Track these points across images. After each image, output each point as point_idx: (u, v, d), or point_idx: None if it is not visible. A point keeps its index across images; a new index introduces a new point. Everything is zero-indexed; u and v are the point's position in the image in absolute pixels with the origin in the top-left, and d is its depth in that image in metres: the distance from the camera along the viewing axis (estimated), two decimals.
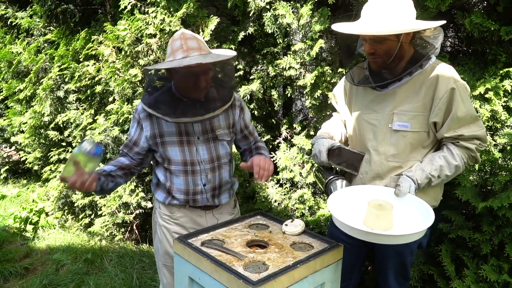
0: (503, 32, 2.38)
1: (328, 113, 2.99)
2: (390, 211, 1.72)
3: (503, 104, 2.47)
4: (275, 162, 3.30)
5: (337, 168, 2.17)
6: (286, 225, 1.92)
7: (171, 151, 2.04)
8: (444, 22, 1.86)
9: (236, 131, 2.21)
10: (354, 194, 1.94)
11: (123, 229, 4.16)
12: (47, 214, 4.79)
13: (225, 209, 2.25)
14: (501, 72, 2.46)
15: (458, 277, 2.51)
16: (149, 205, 3.77)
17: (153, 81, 2.08)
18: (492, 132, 2.53)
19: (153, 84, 2.07)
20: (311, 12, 2.88)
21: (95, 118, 3.94)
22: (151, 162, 2.22)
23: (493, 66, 2.52)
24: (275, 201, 3.26)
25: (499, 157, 2.45)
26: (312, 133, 3.15)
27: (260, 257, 1.67)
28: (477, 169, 2.50)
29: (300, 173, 3.19)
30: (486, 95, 2.45)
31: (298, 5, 2.98)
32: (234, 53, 2.01)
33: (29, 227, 4.54)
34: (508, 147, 2.47)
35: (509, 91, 2.45)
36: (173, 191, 2.11)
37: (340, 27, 1.91)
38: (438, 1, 2.43)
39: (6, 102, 5.20)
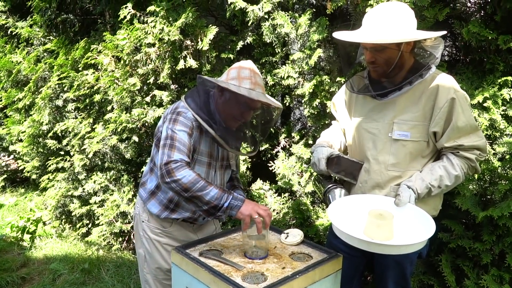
0: (500, 41, 2.39)
1: (326, 122, 2.99)
2: (391, 221, 1.71)
3: (502, 112, 2.47)
4: (273, 171, 3.30)
5: (336, 177, 2.16)
6: (285, 235, 1.91)
7: (198, 169, 1.98)
8: (445, 32, 1.87)
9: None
10: (354, 203, 1.93)
11: (120, 239, 4.13)
12: (44, 223, 4.77)
13: (211, 221, 2.28)
14: (499, 81, 2.46)
15: (458, 287, 2.49)
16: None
17: (203, 91, 2.00)
18: (491, 141, 2.53)
19: (200, 97, 1.98)
20: (309, 21, 2.89)
21: (94, 127, 3.94)
22: (153, 169, 2.11)
23: (491, 75, 2.53)
24: (274, 210, 3.24)
25: (499, 166, 2.45)
26: (310, 142, 3.15)
27: (258, 267, 1.65)
28: (476, 178, 2.49)
29: (299, 182, 3.18)
30: (485, 104, 2.45)
31: (296, 15, 3.00)
32: (280, 105, 2.03)
33: (26, 237, 4.52)
34: (508, 156, 2.46)
35: (508, 99, 2.46)
36: (182, 206, 2.04)
37: (341, 35, 1.91)
38: (436, 10, 2.45)
39: (5, 111, 5.21)
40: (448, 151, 1.94)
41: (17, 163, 5.72)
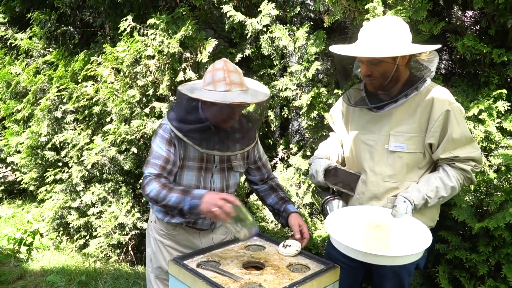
0: (495, 55, 2.42)
1: (324, 133, 3.01)
2: (388, 232, 1.72)
3: (497, 125, 2.50)
4: None
5: (334, 188, 2.18)
6: (282, 246, 1.91)
7: (187, 175, 2.02)
8: (439, 46, 1.90)
9: (249, 162, 2.22)
10: (352, 215, 1.94)
11: (118, 251, 4.11)
12: (41, 235, 4.74)
13: (219, 230, 2.25)
14: (494, 93, 2.50)
15: None
16: (145, 225, 3.74)
17: (183, 101, 1.98)
18: (486, 153, 2.56)
19: (184, 104, 1.98)
20: (307, 34, 2.94)
21: (92, 139, 3.95)
22: None
23: (486, 88, 2.56)
24: (272, 221, 3.25)
25: (494, 178, 2.47)
26: (308, 153, 3.17)
27: (256, 278, 1.66)
28: (472, 189, 2.51)
29: (297, 193, 3.19)
30: (480, 116, 2.48)
31: (294, 28, 3.04)
32: (267, 90, 2.01)
33: (23, 249, 4.48)
34: (503, 168, 2.48)
35: (502, 112, 2.49)
36: None
37: (338, 49, 1.94)
38: (431, 24, 2.49)
39: (3, 122, 5.20)
40: (444, 162, 1.96)
41: (15, 175, 5.70)
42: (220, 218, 1.71)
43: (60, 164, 4.39)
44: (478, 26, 2.78)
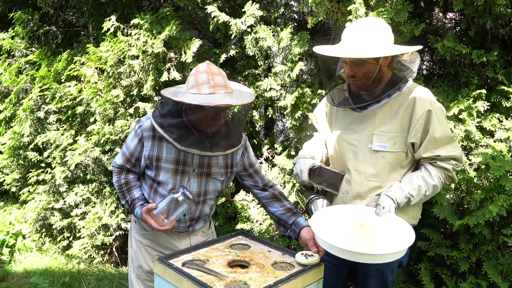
0: (474, 56, 2.48)
1: (308, 133, 3.04)
2: (372, 230, 1.75)
3: (477, 124, 2.56)
4: None
5: (318, 188, 2.20)
6: (305, 256, 1.81)
7: (163, 176, 2.02)
8: (420, 47, 1.94)
9: (238, 170, 2.17)
10: (336, 214, 1.96)
11: (102, 252, 4.08)
12: (24, 237, 4.68)
13: (199, 232, 2.23)
14: (473, 93, 2.55)
15: None
16: (129, 226, 3.72)
17: (169, 103, 1.95)
18: (466, 152, 2.61)
19: (168, 107, 1.96)
20: (291, 35, 2.96)
21: (76, 139, 3.91)
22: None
23: (466, 88, 2.62)
24: (257, 221, 3.26)
25: (474, 176, 2.52)
26: (293, 153, 3.19)
27: (241, 277, 1.67)
28: (453, 188, 2.56)
29: None
30: (460, 116, 2.54)
31: (278, 28, 3.06)
32: (252, 92, 1.99)
33: (6, 250, 4.42)
34: (483, 166, 2.54)
35: (482, 112, 2.54)
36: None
37: (322, 49, 1.97)
38: (412, 26, 2.54)
39: None
40: (426, 161, 2.00)
41: None
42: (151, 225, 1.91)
43: (43, 165, 4.34)
44: (458, 27, 2.84)
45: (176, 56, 3.26)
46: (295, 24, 3.06)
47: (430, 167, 1.98)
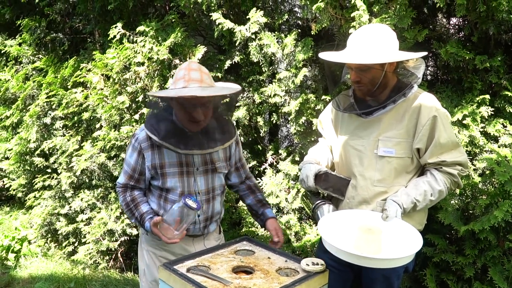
0: (477, 61, 2.48)
1: (313, 139, 3.04)
2: (379, 235, 1.75)
3: (481, 129, 2.55)
4: (261, 187, 3.33)
5: (324, 193, 2.20)
6: (312, 264, 1.80)
7: (171, 181, 2.03)
8: (425, 53, 1.95)
9: (231, 164, 2.22)
10: (343, 219, 1.96)
11: (107, 257, 4.09)
12: (29, 242, 4.69)
13: (212, 236, 2.24)
14: (477, 99, 2.55)
15: None
16: (135, 232, 3.73)
17: (157, 108, 2.02)
18: (471, 157, 2.60)
19: (156, 112, 2.02)
20: (295, 42, 2.98)
21: (82, 145, 3.94)
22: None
23: (469, 93, 2.62)
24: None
25: (479, 181, 2.51)
26: (297, 158, 3.20)
27: (245, 283, 1.67)
28: (458, 193, 2.55)
29: (286, 198, 3.21)
30: (464, 121, 2.53)
31: (283, 35, 3.08)
32: (238, 87, 2.02)
33: (11, 256, 4.43)
34: (487, 172, 2.53)
35: (486, 117, 2.54)
36: None
37: (328, 56, 1.98)
38: (415, 32, 2.54)
39: None
40: (432, 167, 2.00)
41: (3, 181, 5.64)
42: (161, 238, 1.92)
43: (49, 170, 4.37)
44: (462, 33, 2.85)
45: (181, 62, 3.28)
46: (299, 30, 3.09)
47: (436, 172, 1.98)
